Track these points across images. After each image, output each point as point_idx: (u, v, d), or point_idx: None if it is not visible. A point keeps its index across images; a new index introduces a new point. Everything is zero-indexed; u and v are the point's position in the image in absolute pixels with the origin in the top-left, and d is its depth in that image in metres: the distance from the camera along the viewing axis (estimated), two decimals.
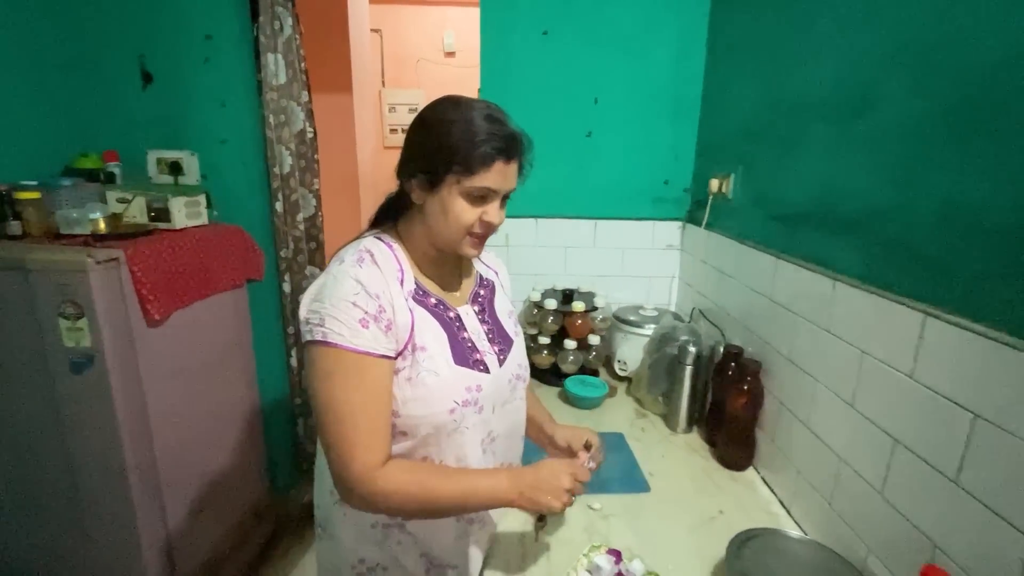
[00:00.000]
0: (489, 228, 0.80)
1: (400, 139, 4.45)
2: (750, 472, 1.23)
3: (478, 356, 0.85)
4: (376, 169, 3.51)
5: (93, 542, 1.39)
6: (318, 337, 0.72)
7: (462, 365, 0.82)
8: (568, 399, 1.53)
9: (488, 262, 1.02)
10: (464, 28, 3.86)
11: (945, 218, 0.73)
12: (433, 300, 0.83)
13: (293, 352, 2.05)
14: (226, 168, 1.80)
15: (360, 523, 0.86)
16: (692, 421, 1.40)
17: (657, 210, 1.79)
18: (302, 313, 0.75)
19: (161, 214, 1.54)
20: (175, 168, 1.72)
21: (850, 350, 0.90)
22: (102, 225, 1.43)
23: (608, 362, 1.75)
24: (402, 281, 0.79)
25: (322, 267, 2.07)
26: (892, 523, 0.80)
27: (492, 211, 0.78)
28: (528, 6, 1.64)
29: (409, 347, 0.77)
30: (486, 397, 0.84)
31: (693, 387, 1.37)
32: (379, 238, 0.83)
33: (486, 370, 0.85)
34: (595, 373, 1.66)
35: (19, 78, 1.56)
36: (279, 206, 1.90)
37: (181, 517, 1.54)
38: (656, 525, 1.03)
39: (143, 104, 1.73)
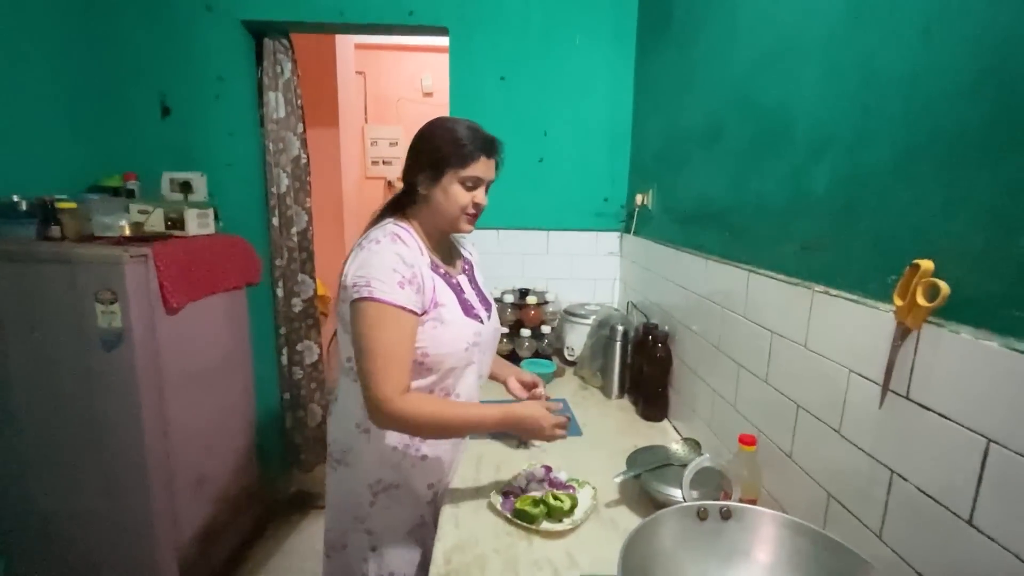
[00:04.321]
0: (478, 208, 1.05)
1: (381, 170, 4.79)
2: (664, 423, 1.53)
3: (475, 311, 1.11)
4: (359, 196, 3.82)
5: (112, 497, 1.60)
6: (365, 294, 0.93)
7: (468, 316, 1.07)
8: None
9: (466, 247, 1.28)
10: (441, 71, 4.26)
11: (758, 208, 1.07)
12: (442, 270, 1.09)
13: (284, 351, 2.29)
14: (231, 187, 2.09)
15: (382, 448, 1.07)
16: (623, 389, 1.70)
17: (599, 223, 2.14)
18: (347, 279, 0.97)
19: (176, 223, 1.82)
20: (185, 187, 2.00)
21: (716, 308, 1.23)
22: (127, 230, 1.70)
23: (559, 352, 2.05)
24: (422, 254, 1.04)
25: (312, 275, 2.35)
26: (738, 423, 1.11)
27: (480, 195, 1.05)
28: (489, 56, 2.02)
29: (432, 303, 1.01)
30: (483, 340, 1.11)
31: (623, 360, 1.67)
32: (398, 224, 1.05)
33: (481, 321, 1.11)
34: (548, 359, 1.95)
35: (54, 109, 1.85)
36: (275, 221, 2.19)
37: (186, 485, 1.75)
38: (583, 455, 1.31)
39: (160, 133, 2.02)
